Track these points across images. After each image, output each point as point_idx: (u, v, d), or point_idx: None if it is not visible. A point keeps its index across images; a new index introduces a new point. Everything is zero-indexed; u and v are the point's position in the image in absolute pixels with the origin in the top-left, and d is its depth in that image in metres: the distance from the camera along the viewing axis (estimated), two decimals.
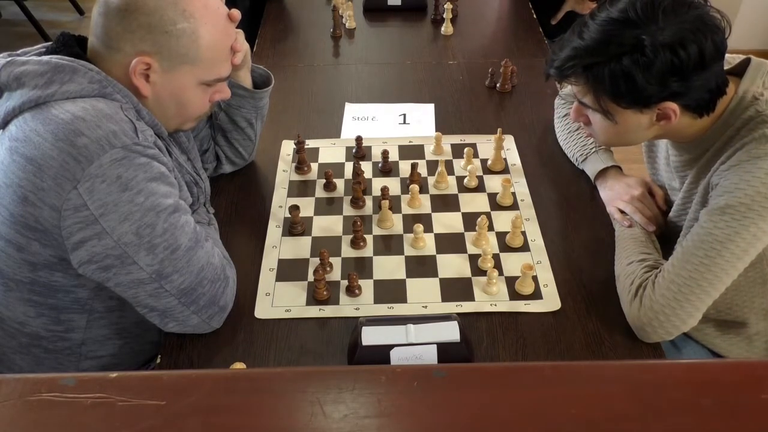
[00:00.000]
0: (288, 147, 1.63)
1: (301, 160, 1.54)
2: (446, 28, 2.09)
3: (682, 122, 1.14)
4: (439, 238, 1.38)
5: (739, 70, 1.16)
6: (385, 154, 1.54)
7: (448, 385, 0.63)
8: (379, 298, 1.26)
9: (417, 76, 1.91)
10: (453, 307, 1.24)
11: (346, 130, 1.69)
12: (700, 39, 1.04)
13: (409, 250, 1.35)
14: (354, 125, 1.71)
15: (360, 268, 1.32)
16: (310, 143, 1.62)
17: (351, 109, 1.77)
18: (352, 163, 1.53)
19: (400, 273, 1.31)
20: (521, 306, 1.24)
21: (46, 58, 1.08)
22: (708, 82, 1.08)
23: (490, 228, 1.39)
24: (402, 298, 1.26)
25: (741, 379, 0.63)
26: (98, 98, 1.07)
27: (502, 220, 1.41)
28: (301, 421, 0.59)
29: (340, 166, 1.56)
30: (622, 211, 1.36)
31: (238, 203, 1.48)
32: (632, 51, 1.06)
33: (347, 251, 1.35)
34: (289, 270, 1.32)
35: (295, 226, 1.39)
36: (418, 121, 1.73)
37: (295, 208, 1.37)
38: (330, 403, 0.60)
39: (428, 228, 1.40)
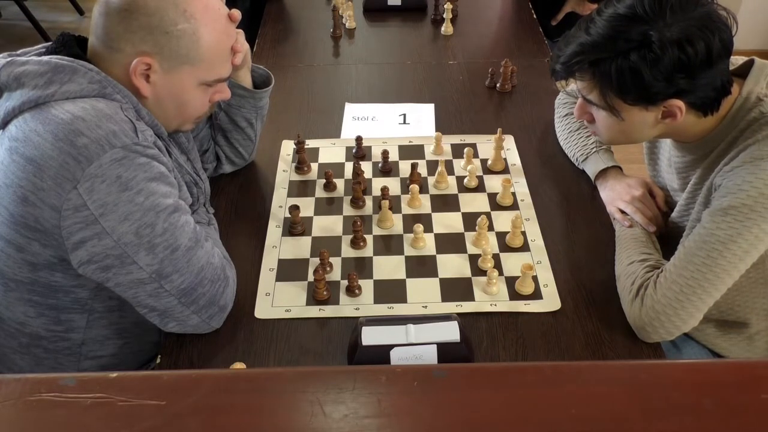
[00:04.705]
0: (288, 147, 1.63)
1: (301, 160, 1.54)
2: (446, 28, 2.09)
3: (687, 121, 1.14)
4: (439, 238, 1.38)
5: (743, 72, 1.16)
6: (385, 154, 1.54)
7: (448, 385, 0.63)
8: (379, 298, 1.26)
9: (417, 76, 1.91)
10: (453, 307, 1.24)
11: (346, 130, 1.69)
12: (707, 36, 1.04)
13: (409, 250, 1.35)
14: (354, 125, 1.71)
15: (360, 268, 1.32)
16: (310, 143, 1.62)
17: (351, 109, 1.77)
18: (352, 163, 1.53)
19: (400, 273, 1.31)
20: (521, 306, 1.24)
21: (46, 58, 1.08)
22: (714, 80, 1.08)
23: (490, 228, 1.39)
24: (402, 298, 1.26)
25: (741, 379, 0.63)
26: (98, 98, 1.07)
27: (502, 220, 1.41)
28: (301, 421, 0.59)
29: (340, 166, 1.56)
30: (622, 211, 1.36)
31: (238, 203, 1.48)
32: (640, 47, 1.06)
33: (347, 251, 1.35)
34: (289, 270, 1.32)
35: (295, 226, 1.39)
36: (418, 121, 1.73)
37: (295, 208, 1.37)
38: (330, 403, 0.60)
39: (428, 228, 1.40)
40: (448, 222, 1.42)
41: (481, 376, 0.65)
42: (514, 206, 1.45)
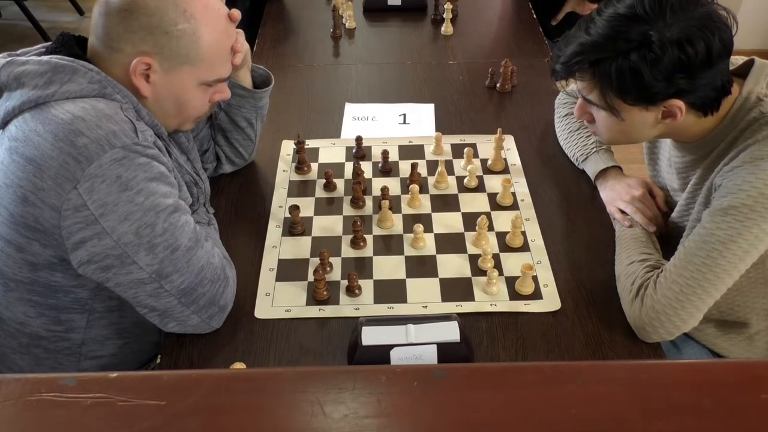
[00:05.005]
0: (288, 147, 1.63)
1: (301, 160, 1.54)
2: (446, 28, 2.09)
3: (687, 121, 1.14)
4: (439, 238, 1.38)
5: (743, 71, 1.16)
6: (385, 154, 1.54)
7: (448, 385, 0.63)
8: (379, 298, 1.26)
9: (417, 76, 1.91)
10: (453, 307, 1.24)
11: (346, 130, 1.69)
12: (707, 36, 1.04)
13: (409, 250, 1.35)
14: (354, 125, 1.71)
15: (360, 268, 1.32)
16: (310, 143, 1.62)
17: (351, 109, 1.77)
18: (352, 163, 1.53)
19: (400, 273, 1.31)
20: (521, 306, 1.24)
21: (45, 58, 1.08)
22: (714, 79, 1.08)
23: (490, 228, 1.39)
24: (402, 298, 1.26)
25: (741, 379, 0.63)
26: (98, 98, 1.07)
27: (502, 220, 1.41)
28: (301, 421, 0.59)
29: (340, 166, 1.56)
30: (622, 211, 1.36)
31: (238, 203, 1.48)
32: (640, 47, 1.06)
33: (347, 251, 1.35)
34: (289, 270, 1.32)
35: (295, 226, 1.39)
36: (418, 121, 1.73)
37: (295, 208, 1.37)
38: (330, 403, 0.60)
39: (428, 228, 1.40)
40: (448, 222, 1.42)
41: (481, 376, 0.65)
42: (514, 206, 1.45)
